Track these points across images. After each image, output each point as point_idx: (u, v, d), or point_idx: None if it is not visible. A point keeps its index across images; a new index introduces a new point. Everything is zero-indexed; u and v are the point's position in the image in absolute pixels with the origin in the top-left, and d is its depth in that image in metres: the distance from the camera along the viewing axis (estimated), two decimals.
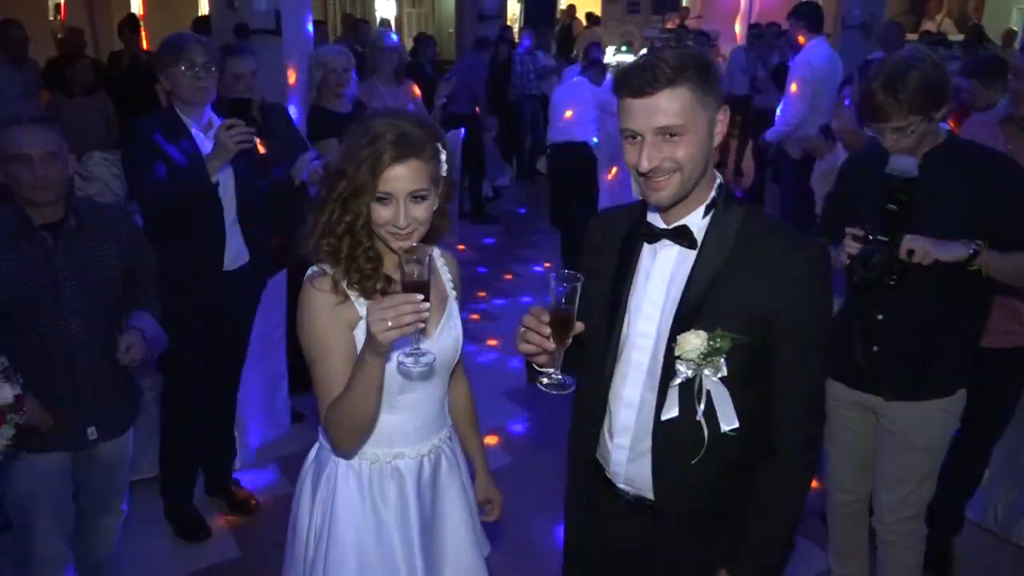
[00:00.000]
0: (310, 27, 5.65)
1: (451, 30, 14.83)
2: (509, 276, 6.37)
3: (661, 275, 1.58)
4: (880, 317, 2.32)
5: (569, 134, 6.15)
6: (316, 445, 1.87)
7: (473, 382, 2.08)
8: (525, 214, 8.26)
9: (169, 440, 3.17)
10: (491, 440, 3.82)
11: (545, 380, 1.61)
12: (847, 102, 3.47)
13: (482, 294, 5.89)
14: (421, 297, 1.44)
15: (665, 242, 1.58)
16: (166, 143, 2.84)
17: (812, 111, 5.34)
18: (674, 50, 1.45)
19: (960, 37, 10.22)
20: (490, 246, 7.18)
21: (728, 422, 1.54)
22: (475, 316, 5.47)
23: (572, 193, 6.15)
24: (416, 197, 1.60)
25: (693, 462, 1.55)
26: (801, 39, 5.70)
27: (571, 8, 15.45)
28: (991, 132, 3.12)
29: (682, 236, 1.55)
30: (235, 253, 3.05)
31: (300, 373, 4.02)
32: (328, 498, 1.77)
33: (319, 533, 1.77)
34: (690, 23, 14.22)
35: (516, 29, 11.76)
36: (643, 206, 1.62)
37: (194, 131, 2.92)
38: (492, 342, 5.06)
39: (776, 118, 5.84)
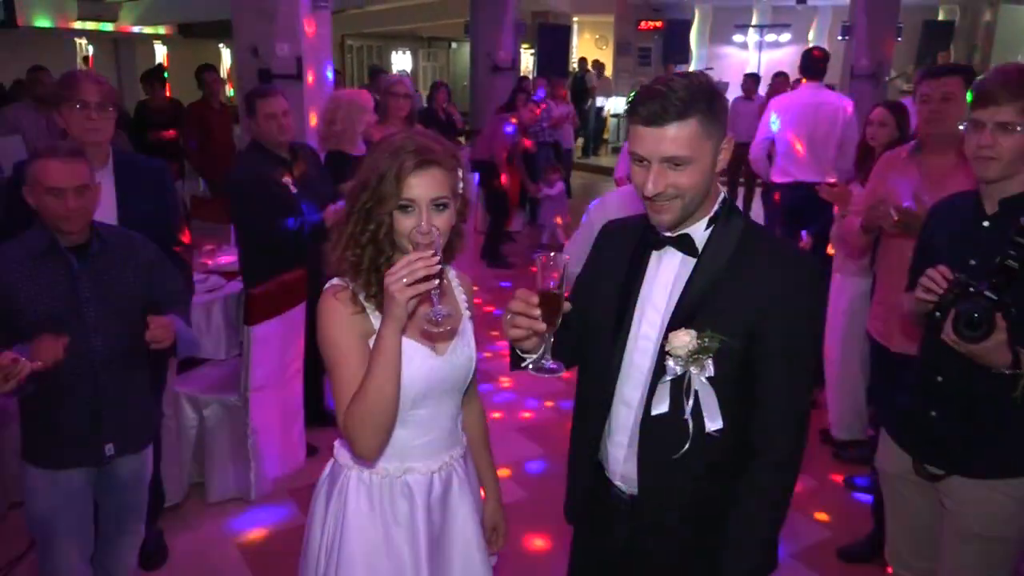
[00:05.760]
0: (329, 74, 5.85)
1: (465, 83, 15.14)
2: None
3: (664, 281, 1.66)
4: (940, 379, 2.08)
5: None
6: (330, 462, 1.89)
7: (489, 419, 2.10)
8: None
9: None
10: (506, 475, 3.82)
11: (532, 365, 1.63)
12: None
13: (495, 334, 5.93)
14: (431, 252, 1.48)
15: (669, 249, 1.65)
16: None
17: (814, 159, 5.49)
18: (684, 81, 1.51)
19: None
20: (505, 288, 7.25)
21: (713, 421, 1.59)
22: (488, 354, 5.50)
23: None
24: (438, 205, 1.65)
25: (674, 457, 1.61)
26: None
27: (583, 60, 15.80)
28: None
29: (684, 244, 1.63)
30: None
31: (316, 407, 4.11)
32: (339, 511, 1.79)
33: (330, 547, 1.79)
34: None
35: (530, 80, 12.03)
36: None
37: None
38: (506, 380, 5.09)
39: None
